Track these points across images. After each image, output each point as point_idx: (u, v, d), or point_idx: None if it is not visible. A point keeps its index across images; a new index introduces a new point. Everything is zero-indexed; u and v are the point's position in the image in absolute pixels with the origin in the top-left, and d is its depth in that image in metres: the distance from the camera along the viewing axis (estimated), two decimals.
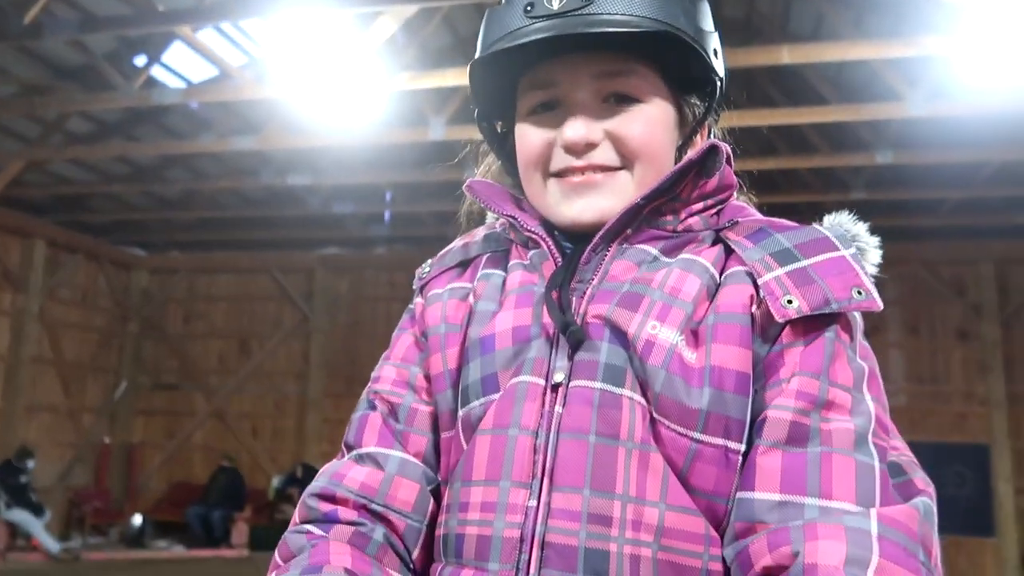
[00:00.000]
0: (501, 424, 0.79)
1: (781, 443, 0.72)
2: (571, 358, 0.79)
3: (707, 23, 0.87)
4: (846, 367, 0.75)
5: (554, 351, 0.81)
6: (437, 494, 0.87)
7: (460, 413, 0.85)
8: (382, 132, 7.22)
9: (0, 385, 9.96)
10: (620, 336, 0.78)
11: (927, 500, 0.72)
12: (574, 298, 0.82)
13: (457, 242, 0.99)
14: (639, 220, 0.83)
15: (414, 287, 0.98)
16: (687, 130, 0.90)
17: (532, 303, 0.84)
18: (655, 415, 0.75)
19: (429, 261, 0.99)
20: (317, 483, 0.88)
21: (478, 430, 0.81)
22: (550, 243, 0.85)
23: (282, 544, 0.84)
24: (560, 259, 0.85)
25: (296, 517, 0.86)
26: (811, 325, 0.76)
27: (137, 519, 10.58)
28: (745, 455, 0.74)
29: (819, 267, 0.77)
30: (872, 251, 0.86)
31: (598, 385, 0.77)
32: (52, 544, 9.22)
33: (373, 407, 0.91)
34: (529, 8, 0.81)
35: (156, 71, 7.89)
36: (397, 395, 0.91)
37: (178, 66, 8.18)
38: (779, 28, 8.11)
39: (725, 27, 7.24)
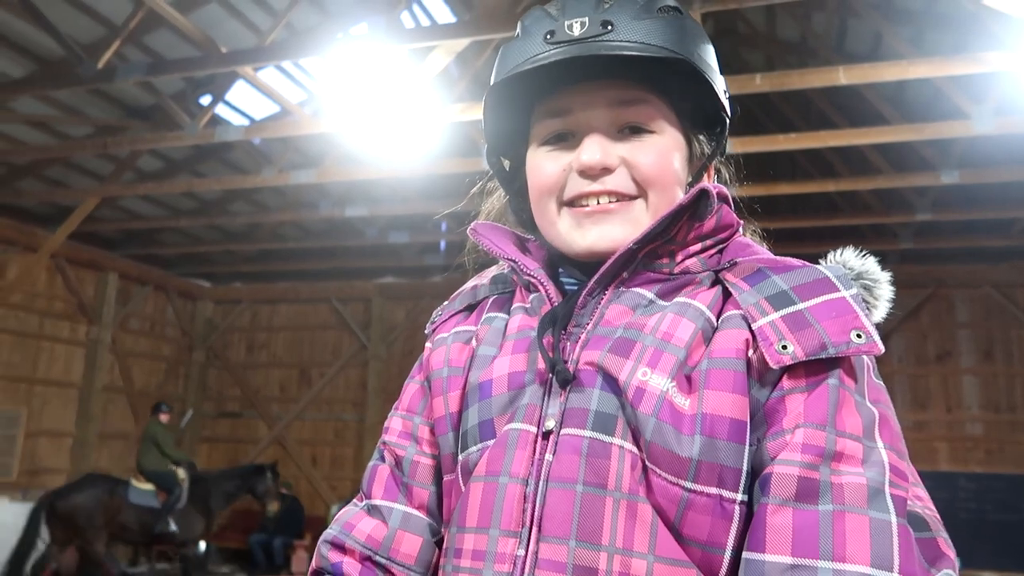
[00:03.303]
0: (493, 471, 0.79)
1: (791, 500, 0.68)
2: (563, 404, 0.78)
3: (716, 64, 0.88)
4: (854, 414, 0.72)
5: (547, 397, 0.80)
6: (442, 542, 0.88)
7: (460, 458, 0.85)
8: (436, 163, 7.32)
9: (75, 413, 10.33)
10: (612, 383, 0.76)
11: (950, 573, 0.69)
12: (569, 343, 0.81)
13: (468, 284, 1.00)
14: (635, 263, 0.82)
15: (426, 333, 0.99)
16: (696, 166, 0.90)
17: (528, 348, 0.84)
18: (647, 463, 0.73)
19: (440, 307, 1.00)
20: (330, 531, 0.92)
21: (472, 476, 0.81)
22: (548, 287, 0.85)
23: None
24: (556, 302, 0.84)
25: (312, 563, 0.91)
26: (812, 370, 0.72)
27: (202, 545, 10.78)
28: (744, 504, 0.72)
29: (816, 310, 0.74)
30: (884, 286, 0.84)
31: (587, 433, 0.75)
32: (119, 569, 9.46)
33: (382, 458, 0.94)
34: (549, 36, 0.82)
35: (220, 109, 8.19)
36: (402, 447, 0.93)
37: (240, 104, 8.48)
38: (835, 48, 7.98)
39: (780, 49, 7.17)
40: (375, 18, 6.83)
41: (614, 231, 0.82)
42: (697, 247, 0.84)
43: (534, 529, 0.75)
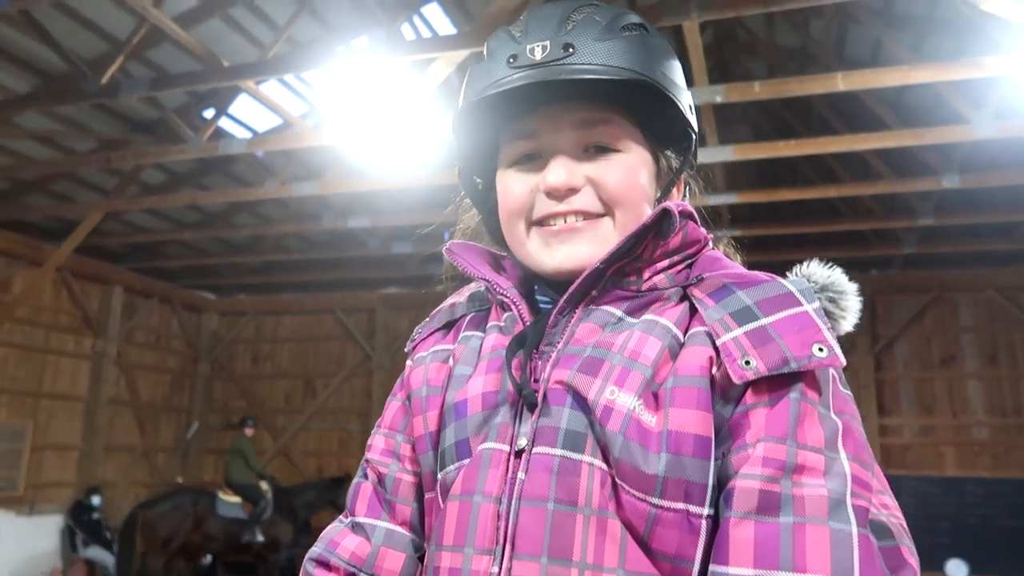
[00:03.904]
0: (468, 491, 0.81)
1: (752, 513, 0.69)
2: (534, 424, 0.79)
3: (681, 80, 0.89)
4: (816, 426, 0.73)
5: (519, 417, 0.81)
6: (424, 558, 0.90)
7: (439, 476, 0.86)
8: (438, 173, 7.35)
9: (81, 426, 10.36)
10: (581, 401, 0.77)
11: None
12: (540, 362, 0.82)
13: (446, 302, 1.02)
14: (604, 281, 0.83)
15: (406, 351, 1.01)
16: (664, 181, 0.92)
17: (501, 368, 0.85)
18: (616, 480, 0.74)
19: (421, 324, 1.02)
20: (315, 548, 0.93)
21: (448, 495, 0.83)
22: (521, 307, 0.86)
23: None
24: (528, 322, 0.86)
25: None
26: (775, 384, 0.73)
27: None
28: (711, 518, 0.73)
29: (779, 325, 0.75)
30: (851, 298, 0.84)
31: (558, 452, 0.76)
32: None
33: (365, 475, 0.96)
34: (512, 60, 0.83)
35: (223, 122, 8.24)
36: (384, 464, 0.94)
37: (243, 117, 8.52)
38: (835, 55, 8.00)
39: (780, 56, 7.17)
40: (375, 31, 6.88)
41: (581, 250, 0.84)
42: (664, 263, 0.85)
43: (507, 547, 0.76)
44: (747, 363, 0.73)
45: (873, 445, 9.84)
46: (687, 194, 0.97)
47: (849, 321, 0.84)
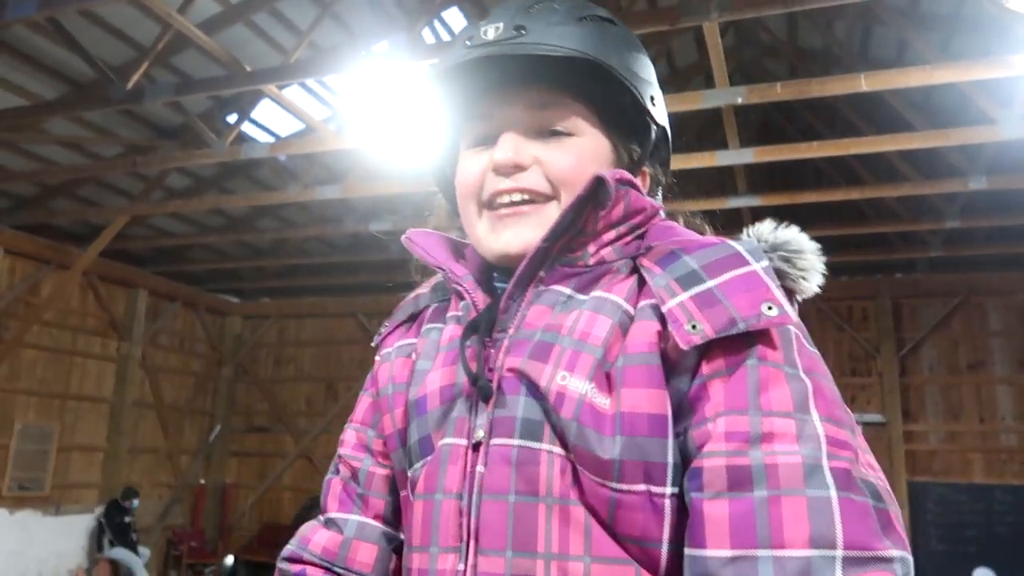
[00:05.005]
0: (430, 489, 0.80)
1: (724, 492, 0.66)
2: (490, 415, 0.77)
3: (645, 72, 0.88)
4: (783, 388, 0.69)
5: (475, 409, 0.80)
6: (400, 548, 0.89)
7: (408, 474, 0.86)
8: None
9: (106, 428, 10.49)
10: (535, 389, 0.76)
11: (904, 556, 0.65)
12: (493, 350, 0.81)
13: (411, 294, 1.01)
14: (550, 260, 0.82)
15: (373, 345, 1.00)
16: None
17: (456, 360, 0.84)
18: (576, 466, 0.73)
19: (387, 319, 1.01)
20: (288, 546, 0.93)
21: (414, 494, 0.82)
22: (475, 294, 0.85)
23: None
24: (482, 309, 0.84)
25: None
26: (730, 351, 0.71)
27: (229, 560, 10.87)
28: (675, 496, 0.71)
29: (726, 286, 0.72)
30: (810, 256, 0.80)
31: (516, 442, 0.75)
32: None
33: (337, 471, 0.96)
34: (468, 41, 0.84)
35: (246, 127, 8.32)
36: (357, 459, 0.94)
37: (266, 122, 8.61)
38: (859, 55, 7.92)
39: (803, 57, 7.11)
40: (396, 35, 6.92)
41: (526, 233, 0.82)
42: (611, 235, 0.83)
43: (472, 543, 0.75)
44: (693, 327, 0.70)
45: (897, 451, 9.73)
46: (657, 192, 0.95)
47: (812, 282, 0.80)
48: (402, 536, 0.88)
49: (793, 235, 0.82)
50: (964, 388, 9.82)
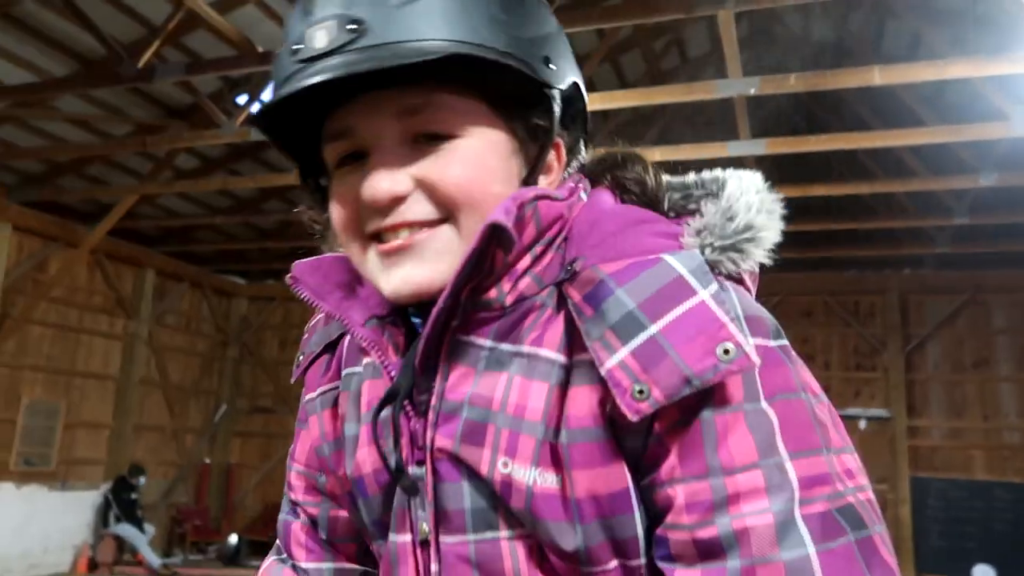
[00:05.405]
0: None
1: (695, 562, 0.60)
2: (432, 506, 0.69)
3: (530, 28, 0.71)
4: (744, 436, 0.60)
5: (413, 499, 0.71)
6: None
7: (372, 544, 0.79)
8: None
9: (112, 405, 10.56)
10: (476, 476, 0.67)
11: None
12: (417, 422, 0.71)
13: (318, 316, 0.88)
14: (460, 307, 0.69)
15: (292, 380, 0.90)
16: (532, 154, 0.74)
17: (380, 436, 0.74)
18: (541, 547, 0.66)
19: (301, 346, 0.89)
20: None
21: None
22: (384, 352, 0.73)
23: None
24: (394, 368, 0.73)
25: None
26: (683, 404, 0.61)
27: (233, 539, 10.95)
28: (650, 562, 0.65)
29: (671, 331, 0.60)
30: (770, 234, 0.70)
31: (471, 537, 0.68)
32: (154, 559, 9.66)
33: (296, 514, 0.87)
34: (295, 51, 0.67)
35: (255, 108, 8.30)
36: (313, 505, 0.85)
37: None
38: (872, 49, 7.87)
39: (816, 49, 7.07)
40: None
41: (415, 272, 0.69)
42: (526, 262, 0.70)
43: None
44: (640, 392, 0.60)
45: (901, 446, 9.75)
46: (578, 153, 0.79)
47: (761, 250, 0.69)
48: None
49: (748, 215, 0.69)
50: (968, 385, 9.82)
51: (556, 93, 0.72)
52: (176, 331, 11.79)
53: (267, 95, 0.63)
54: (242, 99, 8.10)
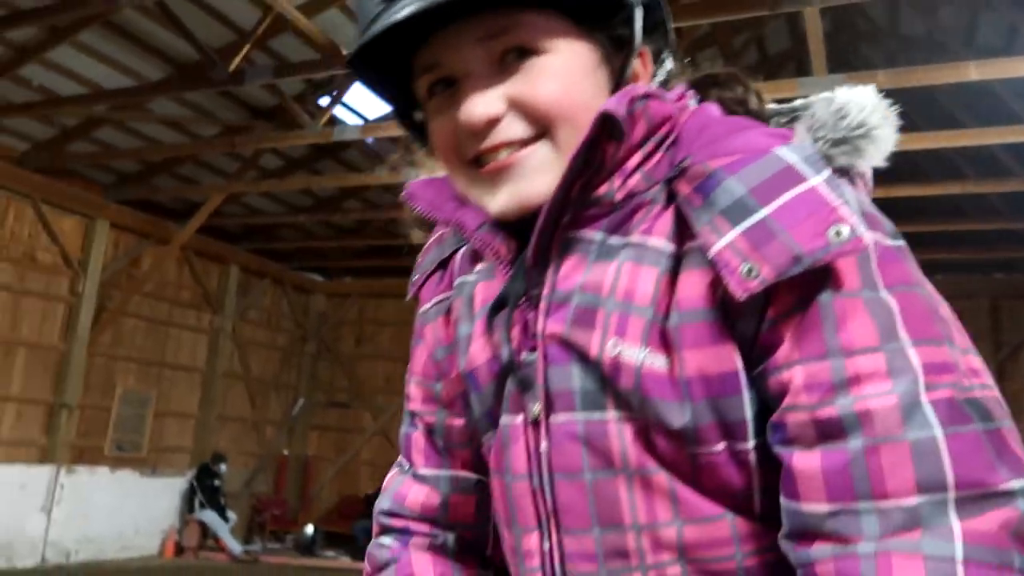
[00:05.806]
0: (499, 469, 0.77)
1: (814, 444, 0.60)
2: (544, 387, 0.71)
3: None
4: (865, 319, 0.60)
5: (523, 383, 0.73)
6: None
7: (482, 441, 0.81)
8: None
9: (198, 396, 11.00)
10: (585, 358, 0.69)
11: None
12: (530, 314, 0.73)
13: (434, 235, 0.92)
14: (571, 205, 0.71)
15: (410, 294, 0.92)
16: (617, 66, 0.75)
17: (495, 328, 0.76)
18: (649, 430, 0.67)
19: (416, 267, 0.92)
20: (383, 503, 0.91)
21: (491, 470, 0.79)
22: (499, 247, 0.75)
23: (368, 556, 0.90)
24: (508, 265, 0.76)
25: (374, 530, 0.91)
26: (798, 286, 0.61)
27: (309, 529, 11.26)
28: (760, 445, 0.65)
29: (782, 213, 0.61)
30: (885, 130, 0.69)
31: (580, 416, 0.69)
32: (236, 546, 10.02)
33: (415, 425, 0.91)
34: None
35: (337, 110, 8.54)
36: (430, 413, 0.88)
37: (356, 105, 8.81)
38: (964, 43, 7.57)
39: (904, 45, 6.85)
40: None
41: (520, 187, 0.70)
42: (637, 159, 0.71)
43: (552, 522, 0.72)
44: (749, 271, 0.60)
45: None
46: (665, 62, 0.80)
47: (880, 148, 0.69)
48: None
49: (855, 111, 0.68)
50: None
51: (636, 1, 0.73)
52: (258, 326, 12.19)
53: (359, 51, 0.71)
54: (324, 100, 8.33)
